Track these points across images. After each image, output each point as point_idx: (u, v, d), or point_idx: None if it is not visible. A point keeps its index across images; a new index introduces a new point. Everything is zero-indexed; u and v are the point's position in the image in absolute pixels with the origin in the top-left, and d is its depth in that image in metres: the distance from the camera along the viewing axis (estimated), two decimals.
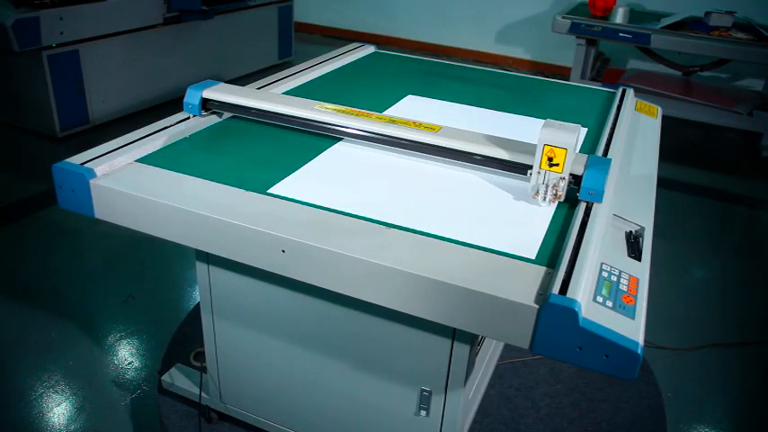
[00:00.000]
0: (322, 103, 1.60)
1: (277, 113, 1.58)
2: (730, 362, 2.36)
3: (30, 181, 3.39)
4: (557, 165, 1.29)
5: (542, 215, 1.29)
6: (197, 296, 2.53)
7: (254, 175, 1.38)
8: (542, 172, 1.30)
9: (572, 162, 1.28)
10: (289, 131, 1.62)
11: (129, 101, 4.19)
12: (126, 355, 2.23)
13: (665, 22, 4.21)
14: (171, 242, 1.32)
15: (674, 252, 3.09)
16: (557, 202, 1.33)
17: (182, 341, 2.17)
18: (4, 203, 3.18)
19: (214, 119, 1.66)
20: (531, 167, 1.32)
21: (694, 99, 4.24)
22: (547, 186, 1.31)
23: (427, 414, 1.42)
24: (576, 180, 1.30)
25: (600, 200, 1.27)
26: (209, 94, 1.62)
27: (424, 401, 1.41)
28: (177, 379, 1.84)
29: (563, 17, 4.25)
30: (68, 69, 3.75)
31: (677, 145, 4.42)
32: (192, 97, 1.62)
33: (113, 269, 2.71)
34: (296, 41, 5.70)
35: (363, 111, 1.57)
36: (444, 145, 1.43)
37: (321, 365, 1.52)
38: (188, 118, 1.63)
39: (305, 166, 1.43)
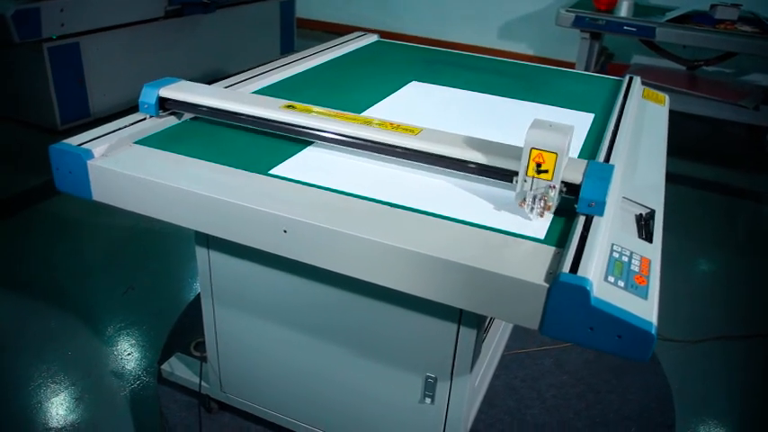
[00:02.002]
0: (291, 102, 1.45)
1: (240, 114, 1.43)
2: (735, 354, 2.33)
3: (30, 174, 3.36)
4: (545, 171, 1.13)
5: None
6: (197, 288, 2.50)
7: (254, 158, 1.35)
8: (529, 180, 1.15)
9: (564, 168, 1.13)
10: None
11: (130, 94, 4.15)
12: (125, 345, 2.20)
13: (670, 15, 4.17)
14: (171, 234, 1.28)
15: (678, 246, 3.06)
16: (547, 214, 1.17)
17: (181, 332, 2.14)
18: (4, 196, 3.16)
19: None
20: (516, 174, 1.17)
21: (699, 93, 4.20)
22: (534, 197, 1.15)
23: (432, 401, 1.39)
24: (572, 189, 1.15)
25: (601, 213, 1.12)
26: (167, 92, 1.47)
27: (429, 388, 1.38)
28: (177, 368, 1.81)
29: (567, 11, 4.22)
30: (69, 62, 3.72)
31: (681, 139, 4.38)
32: (148, 96, 1.47)
33: (114, 261, 2.68)
34: (298, 37, 5.67)
35: (337, 111, 1.41)
36: (425, 149, 1.28)
37: (324, 353, 1.49)
38: (144, 119, 1.49)
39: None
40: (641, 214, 1.25)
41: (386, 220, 1.13)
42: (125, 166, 1.27)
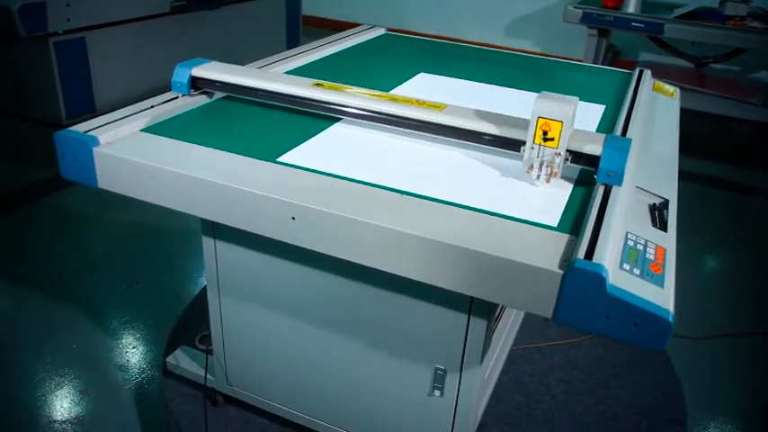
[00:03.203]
0: (319, 80, 1.49)
1: (269, 92, 1.48)
2: (742, 351, 2.31)
3: (35, 168, 3.35)
4: (551, 139, 1.19)
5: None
6: (202, 282, 2.48)
7: (259, 147, 1.33)
8: (536, 147, 1.21)
9: (569, 136, 1.18)
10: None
11: (135, 89, 4.15)
12: (130, 339, 2.18)
13: (679, 12, 4.14)
14: (176, 229, 1.27)
15: (684, 243, 3.02)
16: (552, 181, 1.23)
17: (186, 325, 2.12)
18: (8, 191, 3.15)
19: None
20: (524, 143, 1.23)
21: (707, 90, 4.16)
22: (541, 164, 1.21)
23: (441, 394, 1.37)
24: (592, 161, 1.20)
25: (619, 183, 1.16)
26: (199, 72, 1.51)
27: (439, 380, 1.36)
28: (182, 361, 1.79)
29: (575, 7, 4.19)
30: (75, 57, 3.71)
31: (687, 136, 4.35)
32: (181, 75, 1.51)
33: (118, 255, 2.67)
34: (303, 35, 5.65)
35: (363, 89, 1.46)
36: (452, 124, 1.32)
37: (331, 345, 1.47)
38: (176, 98, 1.52)
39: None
40: (655, 204, 1.24)
41: (396, 207, 1.11)
42: (131, 153, 1.26)
